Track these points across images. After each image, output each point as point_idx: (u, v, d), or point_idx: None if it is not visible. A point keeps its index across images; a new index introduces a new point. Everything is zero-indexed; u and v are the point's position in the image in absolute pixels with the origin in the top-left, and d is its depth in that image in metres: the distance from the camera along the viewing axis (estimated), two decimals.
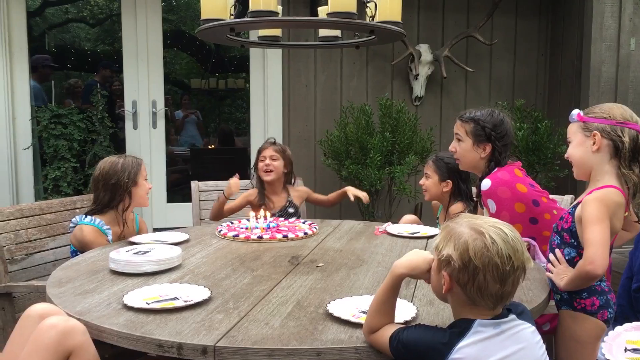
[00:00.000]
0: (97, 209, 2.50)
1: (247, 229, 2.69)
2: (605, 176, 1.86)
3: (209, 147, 6.75)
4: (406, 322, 1.51)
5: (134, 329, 1.51)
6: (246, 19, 2.13)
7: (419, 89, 4.66)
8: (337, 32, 2.65)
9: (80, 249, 2.42)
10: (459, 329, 1.31)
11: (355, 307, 1.64)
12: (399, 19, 2.30)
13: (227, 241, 2.55)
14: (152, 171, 4.49)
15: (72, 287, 1.88)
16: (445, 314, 1.61)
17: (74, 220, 2.51)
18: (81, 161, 4.35)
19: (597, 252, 1.72)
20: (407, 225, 2.85)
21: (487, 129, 2.35)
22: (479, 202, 2.42)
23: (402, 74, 4.73)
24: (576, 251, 1.86)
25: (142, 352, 1.53)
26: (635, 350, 1.37)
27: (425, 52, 4.55)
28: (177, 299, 1.71)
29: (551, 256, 1.93)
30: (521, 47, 4.89)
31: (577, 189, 3.68)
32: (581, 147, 1.91)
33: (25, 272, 2.53)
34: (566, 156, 1.99)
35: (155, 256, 2.10)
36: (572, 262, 1.86)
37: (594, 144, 1.87)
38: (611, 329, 1.48)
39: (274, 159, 3.09)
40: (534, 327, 1.38)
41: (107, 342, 1.55)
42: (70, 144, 4.25)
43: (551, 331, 2.12)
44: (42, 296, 1.98)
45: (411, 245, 2.48)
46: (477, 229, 1.30)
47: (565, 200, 2.78)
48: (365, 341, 1.43)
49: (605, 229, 1.75)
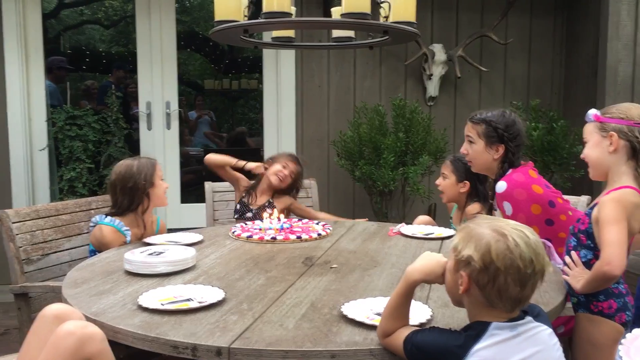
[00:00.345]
0: (117, 212, 2.52)
1: (260, 229, 2.69)
2: (622, 177, 1.83)
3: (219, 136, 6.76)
4: (421, 324, 1.50)
5: (149, 330, 1.51)
6: (260, 20, 2.13)
7: (432, 89, 4.64)
8: (350, 33, 2.65)
9: (98, 248, 2.44)
10: (475, 332, 1.29)
11: (369, 309, 1.63)
12: (413, 19, 2.29)
13: (240, 242, 2.56)
14: (166, 172, 4.50)
15: (88, 288, 1.89)
16: (460, 316, 1.60)
17: (93, 220, 2.53)
18: (96, 162, 4.37)
19: (615, 252, 1.70)
20: (421, 226, 2.84)
21: (500, 129, 2.33)
22: (492, 204, 2.40)
23: (416, 74, 4.71)
24: (593, 253, 1.84)
25: (156, 353, 1.53)
26: None
27: (439, 52, 4.53)
28: (192, 300, 1.71)
29: (567, 258, 1.91)
30: (536, 46, 4.84)
31: (593, 190, 3.64)
32: (598, 148, 1.89)
33: (41, 273, 2.55)
34: (582, 156, 1.96)
35: (169, 257, 2.11)
36: (589, 265, 1.84)
37: (611, 144, 1.84)
38: (629, 332, 1.46)
39: (291, 175, 3.20)
40: (551, 330, 1.37)
41: (122, 342, 1.56)
42: (85, 145, 4.28)
43: (566, 334, 2.10)
44: (57, 296, 2.00)
45: (425, 246, 2.46)
46: (500, 230, 1.29)
47: (581, 201, 2.75)
48: (379, 343, 1.42)
49: (622, 230, 1.73)
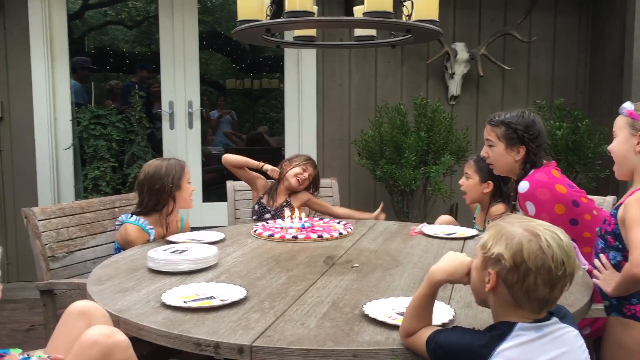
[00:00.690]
0: (142, 212, 2.55)
1: (282, 228, 2.70)
2: None
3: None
4: (443, 324, 1.49)
5: (172, 327, 1.52)
6: (282, 19, 2.14)
7: (454, 88, 4.61)
8: (372, 32, 2.64)
9: (122, 246, 2.48)
10: (500, 332, 1.28)
11: (391, 308, 1.62)
12: (435, 17, 2.27)
13: (262, 241, 2.57)
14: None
15: (112, 285, 1.92)
16: (483, 317, 1.58)
17: (119, 218, 2.57)
18: (120, 161, 4.43)
19: None
20: (443, 225, 2.82)
21: (519, 131, 2.30)
22: (515, 205, 2.38)
23: (438, 72, 4.68)
24: (622, 254, 1.81)
25: (179, 350, 1.55)
26: None
27: (461, 50, 4.49)
28: (214, 298, 1.72)
29: (596, 262, 1.88)
30: (561, 44, 4.78)
31: (618, 190, 3.58)
32: (625, 145, 1.85)
33: (66, 270, 2.58)
34: (608, 148, 1.93)
35: (192, 255, 2.13)
36: (619, 267, 1.80)
37: (639, 144, 1.81)
38: None
39: (309, 178, 3.23)
40: (577, 331, 1.35)
41: (145, 339, 1.57)
42: (109, 144, 4.34)
43: (591, 335, 2.07)
44: (82, 293, 2.03)
45: (448, 246, 2.45)
46: (533, 230, 1.28)
47: (607, 201, 2.70)
48: (402, 343, 1.42)
49: None
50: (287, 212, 2.88)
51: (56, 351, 1.62)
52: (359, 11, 2.40)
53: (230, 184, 3.50)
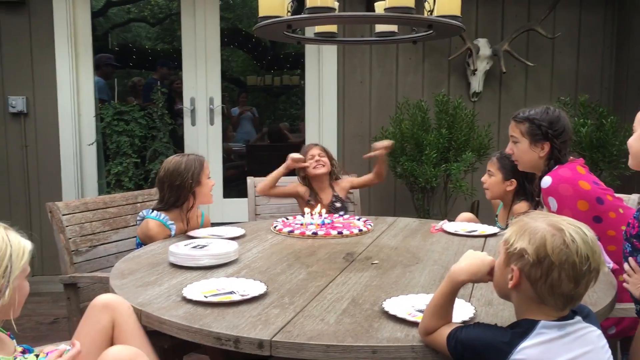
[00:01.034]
0: (163, 208, 2.57)
1: (302, 225, 2.70)
2: None
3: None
4: (463, 322, 1.48)
5: (192, 321, 1.54)
6: (303, 15, 2.14)
7: (476, 84, 4.57)
8: (394, 28, 2.63)
9: (144, 241, 2.50)
10: (522, 329, 1.27)
11: (411, 305, 1.62)
12: (458, 13, 2.26)
13: (282, 237, 2.58)
14: (209, 167, 4.58)
15: (134, 279, 1.94)
16: (504, 315, 1.57)
17: (140, 214, 2.60)
18: (142, 157, 4.48)
19: None
20: (464, 223, 2.80)
21: (544, 127, 2.27)
22: (539, 201, 2.35)
23: (460, 69, 4.65)
24: None
25: (199, 344, 1.56)
26: None
27: (483, 46, 4.45)
28: (234, 292, 1.73)
29: (626, 266, 1.84)
30: (585, 40, 4.71)
31: None
32: None
33: (89, 264, 2.62)
34: (627, 143, 1.89)
35: (213, 250, 2.14)
36: None
37: None
38: None
39: (321, 156, 3.22)
40: (599, 331, 1.33)
41: (166, 333, 1.59)
42: (131, 140, 4.38)
43: (617, 335, 2.04)
44: (105, 287, 2.06)
45: (468, 244, 2.43)
46: (556, 225, 1.26)
47: (632, 199, 2.66)
48: (422, 340, 1.41)
49: None
50: (306, 208, 2.88)
51: (81, 343, 1.64)
52: (380, 7, 2.39)
53: (250, 180, 3.51)
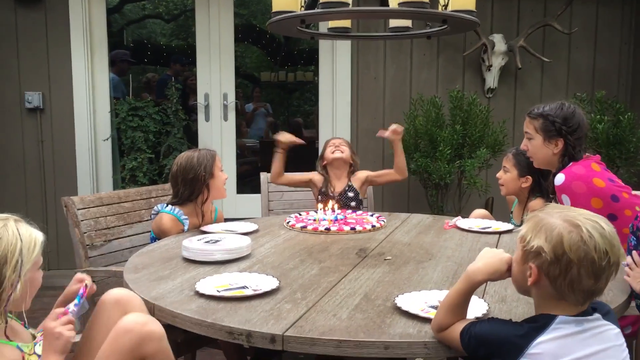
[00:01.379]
0: (177, 203, 2.58)
1: (314, 220, 2.70)
2: None
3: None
4: (477, 318, 1.47)
5: (205, 315, 1.54)
6: (317, 10, 2.13)
7: (491, 80, 4.53)
8: (408, 23, 2.61)
9: (158, 235, 2.52)
10: (538, 324, 1.26)
11: (424, 301, 1.61)
12: (473, 7, 2.24)
13: (295, 232, 2.58)
14: (222, 163, 4.59)
15: (148, 273, 1.95)
16: (518, 312, 1.56)
17: (155, 208, 2.61)
18: (156, 152, 4.50)
19: None
20: (478, 219, 2.78)
21: (557, 123, 2.25)
22: (553, 198, 2.33)
23: (474, 65, 4.61)
24: None
25: (212, 338, 1.56)
26: None
27: (499, 42, 4.41)
28: (247, 287, 1.74)
29: (629, 259, 1.82)
30: (603, 35, 4.65)
31: None
32: None
33: (103, 258, 2.64)
34: None
35: (225, 245, 2.15)
36: None
37: None
38: None
39: (342, 144, 3.27)
40: (618, 329, 1.31)
41: (179, 327, 1.60)
42: (146, 136, 4.41)
43: (632, 335, 2.01)
44: (119, 281, 2.07)
45: (482, 240, 2.41)
46: (573, 221, 1.24)
47: None
48: (434, 337, 1.40)
49: None
50: (319, 204, 2.88)
51: (92, 339, 1.66)
52: (394, 1, 2.37)
53: (264, 176, 3.52)
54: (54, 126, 4.48)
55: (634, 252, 1.81)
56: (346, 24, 2.68)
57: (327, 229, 2.55)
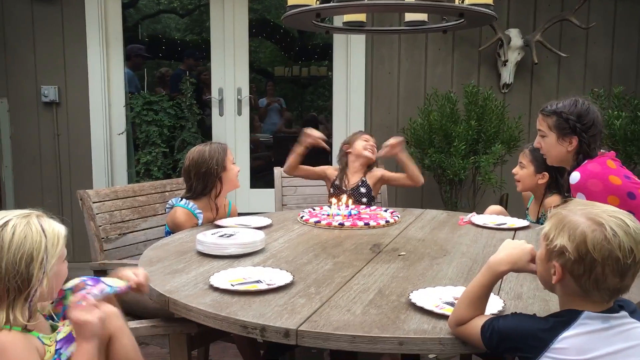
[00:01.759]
0: (192, 197, 2.59)
1: (328, 215, 2.70)
2: None
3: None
4: (493, 315, 1.46)
5: (219, 309, 1.54)
6: (332, 4, 2.12)
7: (507, 75, 4.49)
8: (424, 17, 2.59)
9: (172, 229, 2.53)
10: (564, 319, 1.25)
11: (438, 297, 1.60)
12: (490, 1, 2.22)
13: (308, 227, 2.57)
14: (236, 157, 4.56)
15: (162, 267, 1.96)
16: (534, 309, 1.54)
17: (170, 202, 2.62)
18: (170, 146, 4.52)
19: None
20: (493, 216, 2.76)
21: (571, 120, 2.22)
22: (569, 196, 2.30)
23: (490, 60, 4.57)
24: None
25: (225, 332, 1.57)
26: None
27: (515, 36, 4.37)
28: (261, 282, 1.74)
29: None
30: (621, 30, 4.58)
31: None
32: None
33: (118, 251, 2.66)
34: None
35: (239, 239, 2.15)
36: None
37: None
38: None
39: (374, 147, 3.24)
40: None
41: (193, 320, 1.60)
42: (160, 130, 4.43)
43: None
44: None
45: (497, 237, 2.40)
46: (596, 219, 1.22)
47: None
48: (449, 333, 1.39)
49: None
50: (333, 199, 2.88)
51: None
52: None
53: (277, 171, 3.52)
54: (70, 120, 4.52)
55: None
56: (361, 17, 2.67)
57: (341, 224, 2.55)
